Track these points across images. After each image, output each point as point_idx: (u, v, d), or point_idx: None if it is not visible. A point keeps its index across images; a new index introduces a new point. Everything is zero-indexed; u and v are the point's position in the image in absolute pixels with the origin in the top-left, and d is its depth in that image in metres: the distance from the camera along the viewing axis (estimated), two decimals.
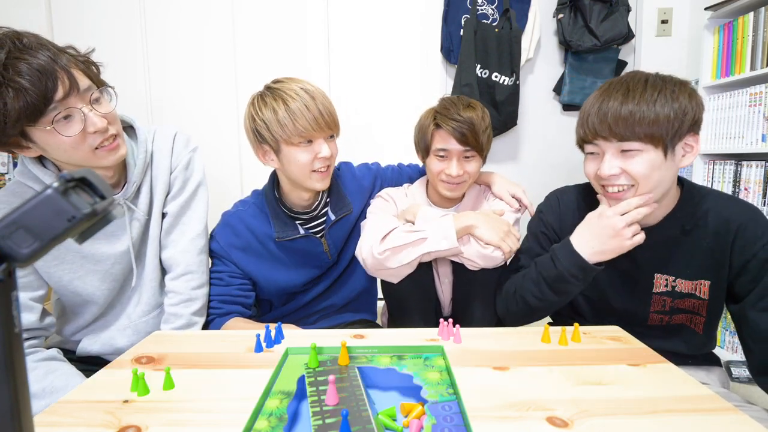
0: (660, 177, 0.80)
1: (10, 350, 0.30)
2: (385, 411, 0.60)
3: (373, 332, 0.82)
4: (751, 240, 0.81)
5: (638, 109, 0.77)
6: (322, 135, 0.99)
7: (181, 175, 1.01)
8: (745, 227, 0.82)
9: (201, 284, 1.02)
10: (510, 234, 1.01)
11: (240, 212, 1.10)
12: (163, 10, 1.98)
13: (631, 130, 0.78)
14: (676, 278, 0.89)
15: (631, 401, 0.58)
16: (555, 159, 2.14)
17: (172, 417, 0.56)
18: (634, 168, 0.80)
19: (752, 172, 1.62)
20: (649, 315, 0.93)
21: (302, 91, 0.97)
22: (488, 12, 1.98)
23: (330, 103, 1.00)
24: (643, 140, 0.78)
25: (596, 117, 0.81)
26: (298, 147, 0.98)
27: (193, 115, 2.03)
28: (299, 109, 0.95)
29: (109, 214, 0.35)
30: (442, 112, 1.06)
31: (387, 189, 1.20)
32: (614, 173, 0.81)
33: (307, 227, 1.11)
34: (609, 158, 0.82)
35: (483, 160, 1.11)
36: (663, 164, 0.79)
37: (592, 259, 0.87)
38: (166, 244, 1.00)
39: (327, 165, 1.02)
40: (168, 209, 1.00)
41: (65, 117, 0.77)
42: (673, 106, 0.77)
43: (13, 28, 0.75)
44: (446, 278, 1.14)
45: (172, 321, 0.98)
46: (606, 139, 0.81)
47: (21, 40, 0.73)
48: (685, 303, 0.90)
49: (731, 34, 1.71)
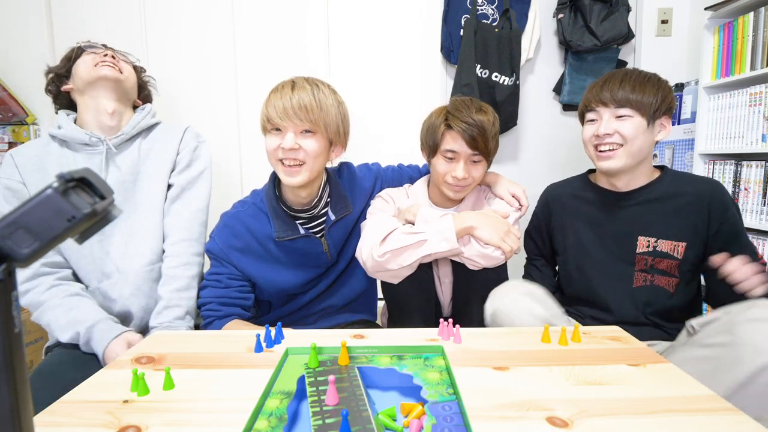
0: (641, 143, 1.02)
1: (10, 350, 0.30)
2: (385, 411, 0.60)
3: (373, 332, 0.82)
4: (723, 207, 1.01)
5: (632, 88, 1.02)
6: (290, 126, 0.97)
7: (188, 155, 1.14)
8: (721, 195, 1.02)
9: (199, 253, 1.12)
10: (510, 233, 1.01)
11: (239, 213, 1.09)
12: (163, 10, 1.98)
13: (627, 99, 1.01)
14: (658, 239, 1.05)
15: (631, 401, 0.58)
16: (555, 159, 2.14)
17: (172, 417, 0.56)
18: (625, 129, 1.01)
19: (752, 172, 1.62)
20: (634, 275, 1.06)
21: (290, 83, 1.00)
22: (488, 12, 1.98)
23: (313, 102, 0.97)
24: (635, 107, 1.01)
25: (600, 89, 1.04)
26: (270, 134, 1.01)
27: (193, 115, 2.03)
28: (275, 96, 0.99)
29: (109, 214, 0.35)
30: (454, 113, 1.04)
31: (387, 189, 1.19)
32: (609, 132, 1.02)
33: (308, 227, 1.10)
34: (606, 120, 1.03)
35: (488, 164, 1.12)
36: (645, 131, 1.02)
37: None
38: (169, 212, 1.10)
39: (293, 159, 0.98)
40: (174, 181, 1.12)
41: (91, 51, 1.11)
42: (656, 90, 1.02)
43: None
44: (446, 278, 1.14)
45: (170, 282, 1.05)
46: (606, 106, 1.03)
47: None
48: (663, 264, 1.04)
49: (731, 34, 1.71)
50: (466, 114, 1.03)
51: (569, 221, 1.15)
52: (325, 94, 1.01)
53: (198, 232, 1.12)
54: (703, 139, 1.80)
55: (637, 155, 1.03)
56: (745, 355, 0.72)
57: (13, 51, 1.95)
